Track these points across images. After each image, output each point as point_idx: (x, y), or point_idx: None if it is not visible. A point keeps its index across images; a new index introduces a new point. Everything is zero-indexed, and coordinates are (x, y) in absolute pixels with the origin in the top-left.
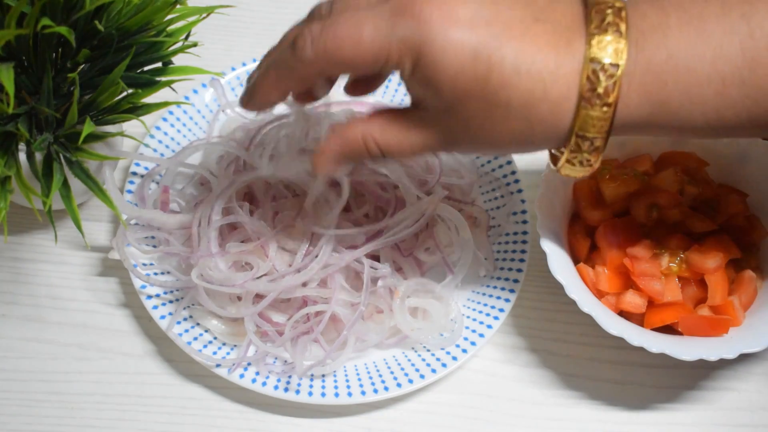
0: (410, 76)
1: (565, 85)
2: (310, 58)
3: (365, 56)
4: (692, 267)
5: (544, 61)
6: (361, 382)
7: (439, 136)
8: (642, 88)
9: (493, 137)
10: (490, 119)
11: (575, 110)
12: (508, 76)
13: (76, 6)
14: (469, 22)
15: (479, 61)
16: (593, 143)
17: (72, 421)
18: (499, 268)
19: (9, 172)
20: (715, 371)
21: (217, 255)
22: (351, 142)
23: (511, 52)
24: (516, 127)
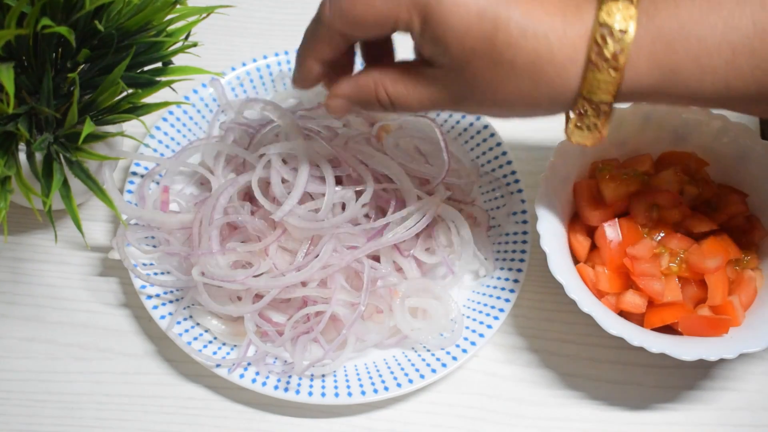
0: (420, 36)
1: (571, 47)
2: (330, 19)
3: (377, 15)
4: (692, 267)
5: (551, 23)
6: (361, 382)
7: (447, 93)
8: (651, 55)
9: (498, 96)
10: (496, 78)
11: (582, 73)
12: (514, 37)
13: (76, 6)
14: None
15: (485, 20)
16: (600, 107)
17: (72, 421)
18: (499, 268)
19: (9, 172)
20: (715, 371)
21: (218, 253)
22: (362, 86)
23: (517, 13)
24: (522, 87)
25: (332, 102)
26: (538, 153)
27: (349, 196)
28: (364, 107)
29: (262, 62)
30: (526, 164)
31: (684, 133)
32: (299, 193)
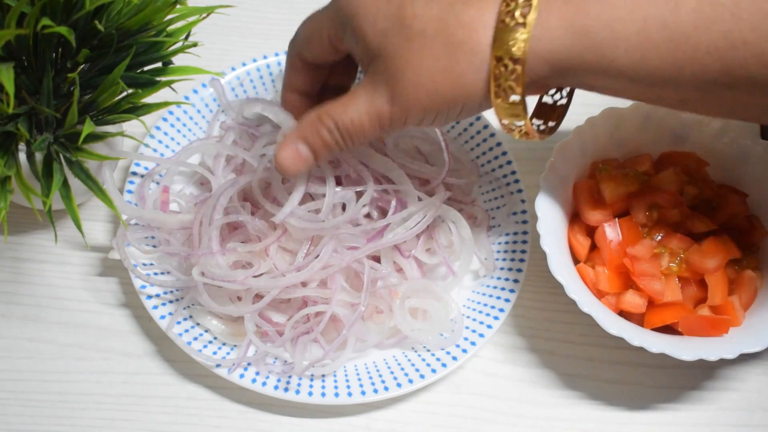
0: (345, 38)
1: (477, 10)
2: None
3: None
4: (692, 267)
5: None
6: (361, 382)
7: (381, 92)
8: (562, 14)
9: (421, 72)
10: (413, 53)
11: (493, 34)
12: (419, 8)
13: (76, 6)
14: None
15: (391, 4)
16: (510, 67)
17: (72, 421)
18: (499, 268)
19: (9, 172)
20: (715, 371)
21: (218, 253)
22: (307, 123)
23: None
24: (438, 55)
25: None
26: (538, 153)
27: (350, 196)
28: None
29: (262, 62)
30: (526, 164)
31: (684, 133)
32: (300, 194)
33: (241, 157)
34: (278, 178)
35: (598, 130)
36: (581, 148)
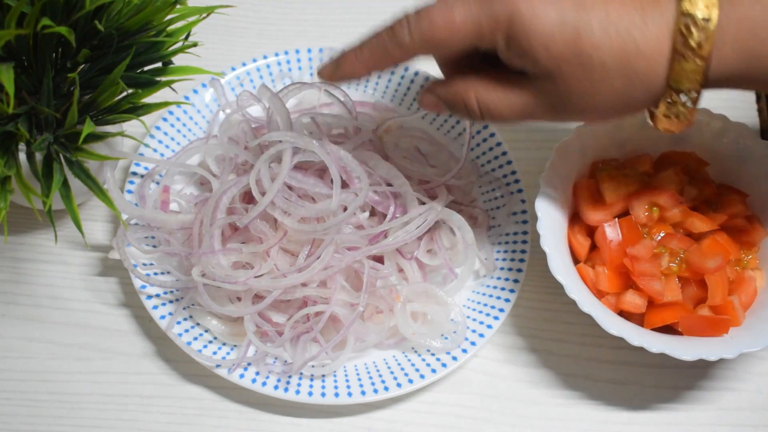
0: (506, 50)
1: (656, 40)
2: (408, 43)
3: (459, 36)
4: (692, 267)
5: (630, 19)
6: (361, 382)
7: (542, 103)
8: (736, 42)
9: (595, 100)
10: (589, 81)
11: (669, 64)
12: (598, 38)
13: (76, 6)
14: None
15: (567, 27)
16: (688, 96)
17: (72, 421)
18: (499, 268)
19: (9, 172)
20: (715, 371)
21: (219, 252)
22: (454, 92)
23: (597, 15)
24: (617, 86)
25: (425, 98)
26: (538, 153)
27: (350, 199)
28: (452, 110)
29: (262, 62)
30: (526, 164)
31: (684, 133)
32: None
33: (241, 157)
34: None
35: (599, 130)
36: (581, 148)
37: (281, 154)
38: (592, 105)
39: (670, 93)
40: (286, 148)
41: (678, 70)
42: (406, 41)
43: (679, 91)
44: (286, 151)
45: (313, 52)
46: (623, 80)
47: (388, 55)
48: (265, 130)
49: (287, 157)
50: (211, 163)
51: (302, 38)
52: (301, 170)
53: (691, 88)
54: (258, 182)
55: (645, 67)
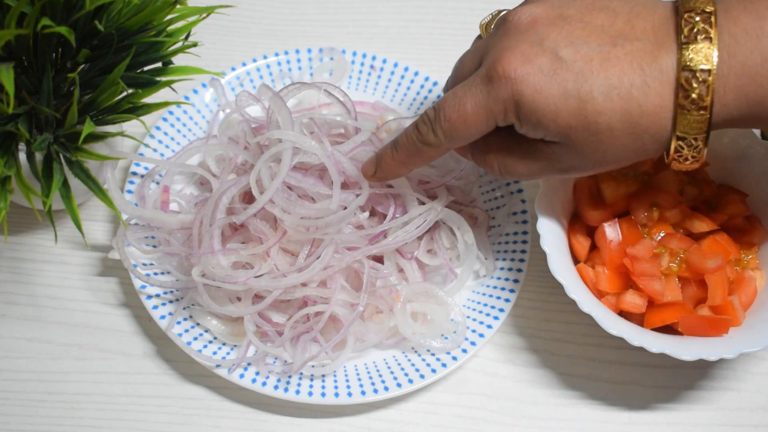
0: (520, 126)
1: (658, 97)
2: (435, 143)
3: (476, 126)
4: (692, 267)
5: (630, 80)
6: (361, 382)
7: (558, 164)
8: (737, 89)
9: (608, 159)
10: (600, 143)
11: (673, 117)
12: (601, 104)
13: (76, 6)
14: (551, 70)
15: (570, 98)
16: (694, 144)
17: (72, 421)
18: (499, 268)
19: (9, 172)
20: (715, 371)
21: (219, 252)
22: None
23: (596, 82)
24: (627, 144)
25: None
26: None
27: (350, 199)
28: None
29: (262, 62)
30: None
31: None
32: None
33: (241, 157)
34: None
35: None
36: None
37: (281, 154)
38: (606, 160)
39: (677, 142)
40: (286, 148)
41: (683, 122)
42: (433, 141)
43: (685, 139)
44: (286, 151)
45: (313, 52)
46: (631, 137)
47: (422, 155)
48: (265, 130)
49: (287, 157)
50: (211, 163)
51: (302, 38)
52: (301, 170)
53: (697, 135)
54: (258, 182)
55: (650, 123)
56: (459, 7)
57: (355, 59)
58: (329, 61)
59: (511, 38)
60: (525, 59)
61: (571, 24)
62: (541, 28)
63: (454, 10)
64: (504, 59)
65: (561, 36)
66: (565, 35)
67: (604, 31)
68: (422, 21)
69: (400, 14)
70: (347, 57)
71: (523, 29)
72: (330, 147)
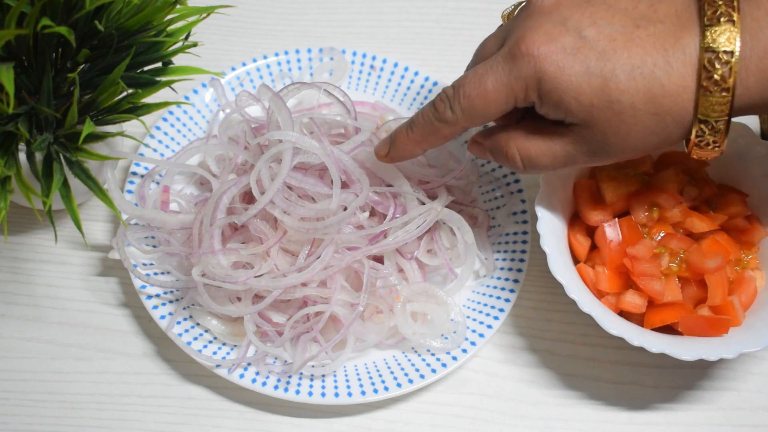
0: (541, 105)
1: (680, 77)
2: (452, 120)
3: (495, 103)
4: (692, 267)
5: (653, 61)
6: (361, 382)
7: (581, 148)
8: (759, 72)
9: (631, 141)
10: (622, 124)
11: (695, 98)
12: (624, 83)
13: (76, 6)
14: (574, 48)
15: (593, 76)
16: (715, 127)
17: (72, 421)
18: (499, 268)
19: (9, 172)
20: (715, 371)
21: (219, 252)
22: (496, 144)
23: (620, 60)
24: (649, 125)
25: (473, 147)
26: None
27: (351, 199)
28: (496, 160)
29: (262, 62)
30: None
31: None
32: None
33: (242, 157)
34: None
35: None
36: None
37: (281, 155)
38: (629, 145)
39: (699, 125)
40: (286, 148)
41: (704, 104)
42: (450, 118)
43: (707, 122)
44: (287, 151)
45: (313, 52)
46: (654, 118)
47: (437, 133)
48: (265, 130)
49: (287, 157)
50: (211, 163)
51: (302, 38)
52: (301, 170)
53: (718, 118)
54: (258, 182)
55: (672, 104)
56: (459, 6)
57: (355, 59)
58: (329, 61)
59: (534, 18)
60: (548, 38)
61: (595, 6)
62: (565, 10)
63: (455, 9)
64: (527, 37)
65: (585, 16)
66: (588, 15)
67: (628, 14)
68: (422, 21)
69: (400, 14)
70: (347, 57)
71: (547, 11)
72: (330, 146)
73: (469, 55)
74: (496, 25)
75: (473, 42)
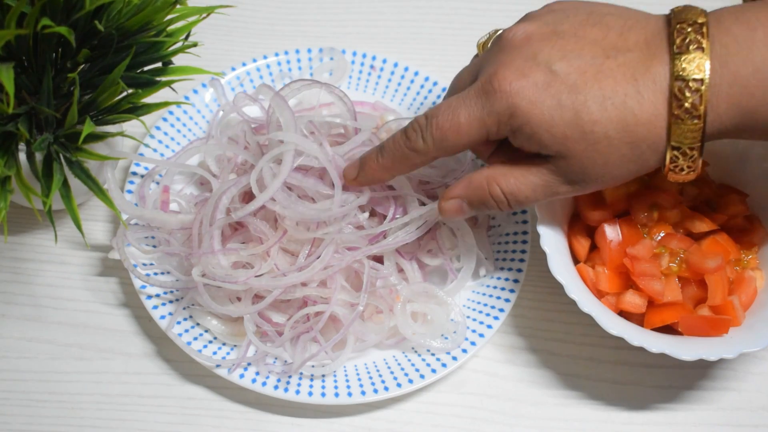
0: (515, 139)
1: (651, 106)
2: (423, 149)
3: (467, 136)
4: (692, 267)
5: (624, 91)
6: (361, 382)
7: (559, 178)
8: (730, 99)
9: (608, 168)
10: (598, 154)
11: (667, 126)
12: (596, 113)
13: (76, 6)
14: (545, 83)
15: (565, 110)
16: (689, 153)
17: (72, 421)
18: (499, 268)
19: (9, 172)
20: (715, 371)
21: (219, 252)
22: (475, 186)
23: (590, 93)
24: (625, 153)
25: (446, 204)
26: None
27: (351, 199)
28: (477, 206)
29: (262, 62)
30: None
31: None
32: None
33: (241, 157)
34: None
35: None
36: None
37: (282, 156)
38: (608, 173)
39: (672, 151)
40: (288, 150)
41: (677, 131)
42: (421, 148)
43: (680, 149)
44: (288, 152)
45: (313, 52)
46: (629, 147)
47: (407, 161)
48: (264, 130)
49: (288, 159)
50: (211, 163)
51: (302, 38)
52: (302, 170)
53: (692, 145)
54: (259, 181)
55: (646, 132)
56: (459, 7)
57: (355, 59)
58: (329, 61)
59: (506, 54)
60: (520, 74)
61: (565, 39)
62: (536, 44)
63: (455, 10)
64: (499, 73)
65: (554, 50)
66: (558, 49)
67: (597, 44)
68: (422, 21)
69: (400, 14)
70: (347, 57)
71: (518, 45)
72: (331, 150)
73: (469, 55)
74: (495, 25)
75: (473, 42)
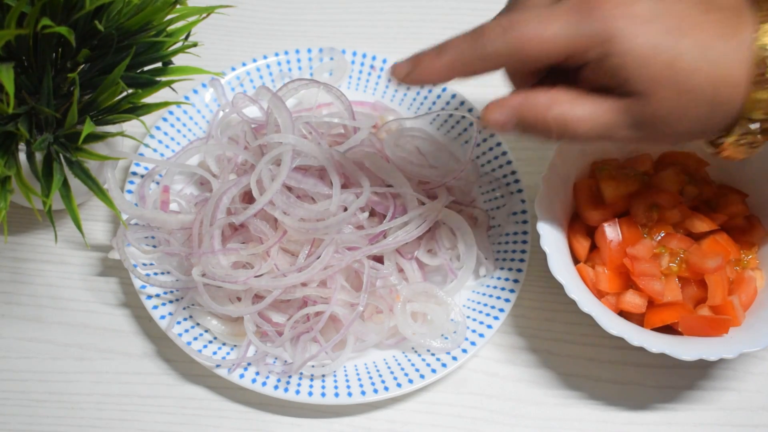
0: (596, 67)
1: (738, 69)
2: (497, 51)
3: (549, 52)
4: (692, 267)
5: (717, 49)
6: (361, 382)
7: (627, 119)
8: None
9: (679, 124)
10: (679, 105)
11: (745, 94)
12: (694, 63)
13: (76, 6)
14: (646, 18)
15: (664, 51)
16: (762, 125)
17: (72, 421)
18: (499, 268)
19: (9, 172)
20: (715, 371)
21: (219, 252)
22: (535, 103)
23: (690, 41)
24: (702, 112)
25: (493, 114)
26: (538, 153)
27: (351, 200)
28: (526, 126)
29: (262, 62)
30: (526, 164)
31: None
32: (279, 182)
33: (241, 157)
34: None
35: None
36: (582, 148)
37: (281, 156)
38: (678, 127)
39: (743, 122)
40: (286, 150)
41: (753, 100)
42: (490, 51)
43: (751, 119)
44: (286, 153)
45: (313, 52)
46: (709, 107)
47: (469, 64)
48: (264, 129)
49: (287, 159)
50: (211, 163)
51: (302, 38)
52: (301, 170)
53: (763, 118)
54: (258, 182)
55: (729, 95)
56: (460, 7)
57: (355, 59)
58: (329, 61)
59: None
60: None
61: None
62: None
63: (455, 10)
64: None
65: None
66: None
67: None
68: (422, 21)
69: (400, 14)
70: (347, 57)
71: None
72: (329, 150)
73: None
74: None
75: None
